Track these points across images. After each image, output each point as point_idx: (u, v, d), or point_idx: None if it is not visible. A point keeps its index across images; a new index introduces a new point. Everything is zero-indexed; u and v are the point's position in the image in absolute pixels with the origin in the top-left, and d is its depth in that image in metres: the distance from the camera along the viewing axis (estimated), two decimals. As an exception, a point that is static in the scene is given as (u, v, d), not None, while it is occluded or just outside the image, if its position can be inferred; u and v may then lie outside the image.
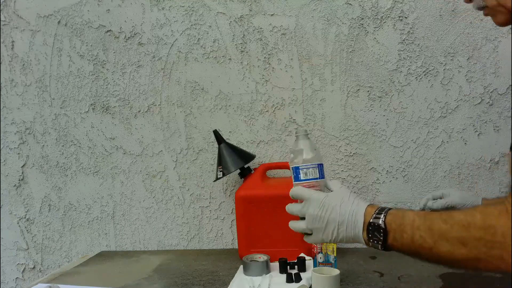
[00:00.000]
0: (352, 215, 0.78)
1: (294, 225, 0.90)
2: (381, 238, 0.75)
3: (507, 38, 1.60)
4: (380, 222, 0.75)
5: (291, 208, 0.91)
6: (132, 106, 1.84)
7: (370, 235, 0.77)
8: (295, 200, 0.97)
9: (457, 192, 1.17)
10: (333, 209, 0.79)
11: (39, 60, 1.87)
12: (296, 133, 1.07)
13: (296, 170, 1.03)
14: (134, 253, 1.85)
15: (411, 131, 1.69)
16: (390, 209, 0.78)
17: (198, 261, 1.68)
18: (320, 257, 1.37)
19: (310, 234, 0.86)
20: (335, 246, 1.39)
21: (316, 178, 1.01)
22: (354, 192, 0.89)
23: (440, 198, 1.21)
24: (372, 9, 1.66)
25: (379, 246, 0.76)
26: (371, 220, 0.77)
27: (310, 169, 1.01)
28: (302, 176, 1.02)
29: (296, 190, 0.92)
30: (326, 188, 0.99)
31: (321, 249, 1.38)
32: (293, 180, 1.04)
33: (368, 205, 0.82)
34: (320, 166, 1.02)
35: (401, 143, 1.70)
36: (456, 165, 1.68)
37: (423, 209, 1.14)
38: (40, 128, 1.90)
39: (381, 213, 0.77)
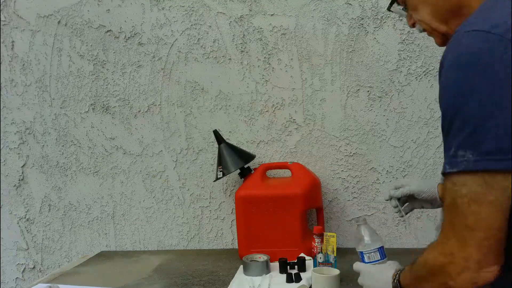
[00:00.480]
0: (387, 283, 0.97)
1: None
2: None
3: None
4: (396, 283, 0.95)
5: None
6: (132, 106, 1.84)
7: None
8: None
9: (415, 181, 1.26)
10: (376, 280, 1.01)
11: (39, 60, 1.87)
12: (357, 221, 1.24)
13: (361, 254, 1.21)
14: (134, 253, 1.85)
15: (411, 131, 1.69)
16: (403, 269, 0.95)
17: (198, 261, 1.68)
18: (320, 257, 1.37)
19: None
20: (335, 246, 1.39)
21: (378, 260, 1.19)
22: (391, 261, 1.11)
23: (401, 187, 1.28)
24: (372, 9, 1.66)
25: None
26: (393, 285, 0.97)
27: (372, 253, 1.19)
28: (366, 259, 1.20)
29: (355, 265, 1.15)
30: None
31: (321, 249, 1.38)
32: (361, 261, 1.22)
33: (394, 270, 0.99)
34: (381, 249, 1.20)
35: (401, 143, 1.70)
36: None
37: (389, 200, 1.28)
38: (40, 128, 1.90)
39: (396, 275, 0.96)
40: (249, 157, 1.69)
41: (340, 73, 1.70)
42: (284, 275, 1.42)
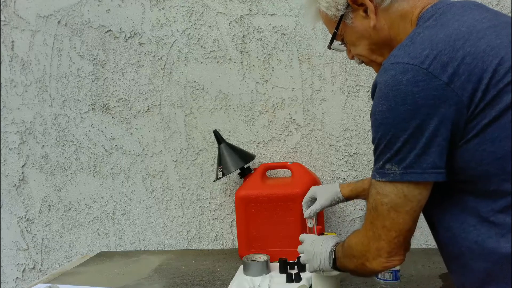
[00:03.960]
0: (325, 250, 1.09)
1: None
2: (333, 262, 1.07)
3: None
4: (332, 252, 1.07)
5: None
6: (132, 106, 1.84)
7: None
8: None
9: (322, 193, 1.38)
10: (316, 246, 1.11)
11: (39, 60, 1.87)
12: None
13: None
14: (134, 253, 1.85)
15: (411, 131, 1.68)
16: (340, 243, 1.07)
17: (198, 261, 1.69)
18: (309, 223, 1.40)
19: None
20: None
21: (390, 280, 1.33)
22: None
23: (311, 200, 1.41)
24: (372, 9, 1.66)
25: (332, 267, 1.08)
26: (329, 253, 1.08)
27: (386, 272, 1.32)
28: (380, 276, 1.34)
29: (300, 236, 1.23)
30: None
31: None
32: None
33: (335, 242, 1.09)
34: (395, 272, 1.33)
35: (401, 143, 1.69)
36: (456, 165, 1.68)
37: (310, 217, 1.41)
38: (40, 128, 1.90)
39: (335, 246, 1.08)
40: (249, 157, 1.69)
41: (340, 73, 1.70)
42: (284, 275, 1.42)
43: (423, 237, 1.72)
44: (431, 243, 1.71)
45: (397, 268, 1.31)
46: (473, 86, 0.77)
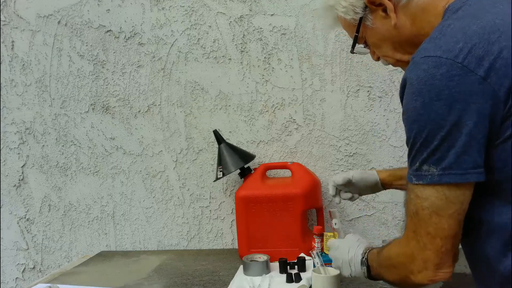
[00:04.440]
0: (356, 257, 1.04)
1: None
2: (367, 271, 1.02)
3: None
4: (364, 260, 1.02)
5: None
6: (132, 106, 1.84)
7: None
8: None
9: (355, 171, 1.37)
10: (346, 253, 1.06)
11: (39, 60, 1.87)
12: (383, 242, 1.32)
13: None
14: (134, 253, 1.85)
15: (411, 131, 1.68)
16: (371, 249, 1.02)
17: (198, 261, 1.68)
18: (316, 262, 1.28)
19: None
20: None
21: None
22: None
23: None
24: (372, 9, 1.66)
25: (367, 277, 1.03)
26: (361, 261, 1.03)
27: None
28: None
29: (328, 242, 1.19)
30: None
31: (317, 254, 1.33)
32: None
33: (365, 247, 1.05)
34: None
35: (401, 143, 1.70)
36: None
37: (335, 195, 1.39)
38: (40, 128, 1.90)
39: (366, 253, 1.02)
40: (249, 157, 1.69)
41: (340, 73, 1.70)
42: (284, 275, 1.42)
43: (423, 237, 1.72)
44: (431, 243, 1.71)
45: None
46: (510, 81, 0.73)
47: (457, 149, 0.75)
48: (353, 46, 1.03)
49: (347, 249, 1.05)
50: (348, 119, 1.72)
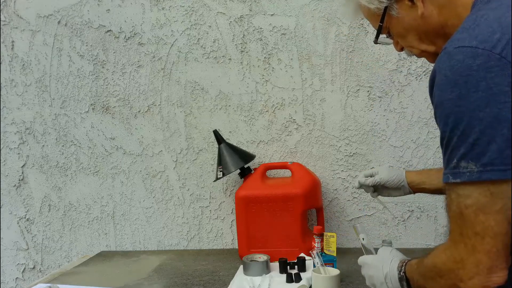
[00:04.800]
0: (392, 274, 0.98)
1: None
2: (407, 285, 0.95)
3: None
4: (402, 275, 0.96)
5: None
6: (132, 106, 1.84)
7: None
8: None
9: (384, 170, 1.33)
10: (380, 270, 1.00)
11: (39, 60, 1.87)
12: (383, 241, 1.31)
13: None
14: (134, 253, 1.85)
15: (411, 131, 1.69)
16: (409, 261, 0.96)
17: (198, 261, 1.68)
18: (316, 262, 1.30)
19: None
20: (335, 246, 1.39)
21: None
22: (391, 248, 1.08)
23: (371, 176, 1.36)
24: (372, 9, 1.66)
25: None
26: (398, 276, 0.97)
27: None
28: None
29: (359, 259, 1.13)
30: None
31: (317, 254, 1.33)
32: None
33: (400, 261, 0.99)
34: None
35: (401, 143, 1.70)
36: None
37: (359, 187, 1.36)
38: (40, 128, 1.90)
39: (403, 267, 0.97)
40: (249, 157, 1.69)
41: (340, 73, 1.70)
42: (284, 275, 1.42)
43: (423, 237, 1.72)
44: (431, 243, 1.71)
45: None
46: None
47: (499, 143, 0.70)
48: (377, 36, 1.00)
49: (380, 265, 0.99)
50: (348, 119, 1.72)
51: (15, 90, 1.90)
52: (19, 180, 1.94)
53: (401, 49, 1.03)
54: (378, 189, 1.36)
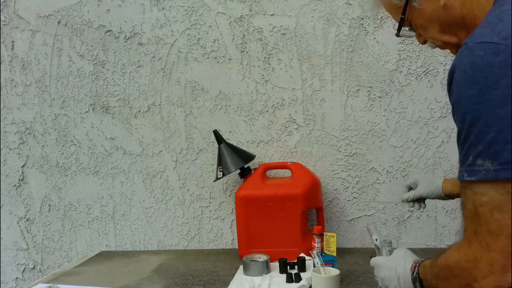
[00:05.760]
0: (405, 274, 0.97)
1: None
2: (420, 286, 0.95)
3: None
4: (416, 275, 0.95)
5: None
6: (132, 106, 1.84)
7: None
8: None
9: (423, 181, 1.36)
10: (394, 271, 1.00)
11: (39, 60, 1.87)
12: (384, 241, 1.28)
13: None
14: (134, 253, 1.85)
15: (411, 131, 1.69)
16: (422, 261, 0.95)
17: (198, 261, 1.69)
18: (316, 262, 1.30)
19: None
20: (335, 246, 1.39)
21: None
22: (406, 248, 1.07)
23: (412, 187, 1.41)
24: (372, 9, 1.66)
25: None
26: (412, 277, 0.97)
27: None
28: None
29: (371, 261, 1.12)
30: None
31: (317, 254, 1.33)
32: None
33: (413, 261, 0.99)
34: None
35: (401, 143, 1.70)
36: (456, 165, 1.67)
37: (405, 201, 1.40)
38: (40, 128, 1.90)
39: (416, 267, 0.96)
40: (249, 157, 1.69)
41: (340, 73, 1.70)
42: (284, 275, 1.42)
43: (423, 237, 1.72)
44: (431, 243, 1.71)
45: None
46: None
47: None
48: (399, 29, 0.99)
49: (394, 266, 0.99)
50: (348, 119, 1.72)
51: (15, 90, 1.90)
52: (19, 180, 1.94)
53: (424, 42, 1.02)
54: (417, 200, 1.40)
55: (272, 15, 1.71)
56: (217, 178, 1.66)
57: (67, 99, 1.88)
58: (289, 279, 1.40)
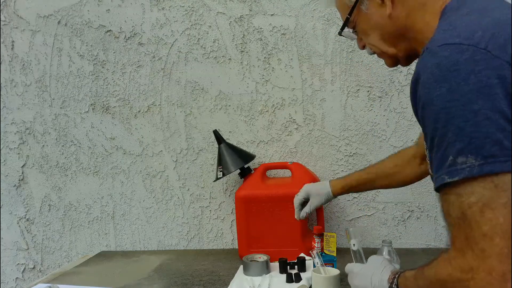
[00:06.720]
0: (381, 286, 0.95)
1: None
2: None
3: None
4: (394, 287, 0.92)
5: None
6: (132, 106, 1.84)
7: None
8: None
9: (313, 192, 1.41)
10: (369, 281, 0.98)
11: (39, 60, 1.87)
12: (383, 241, 1.31)
13: None
14: (134, 253, 1.85)
15: (411, 131, 1.69)
16: (402, 272, 0.92)
17: (198, 261, 1.69)
18: (316, 262, 1.29)
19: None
20: (335, 246, 1.39)
21: None
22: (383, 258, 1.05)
23: (304, 200, 1.45)
24: (372, 9, 1.66)
25: None
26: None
27: None
28: None
29: (346, 267, 1.12)
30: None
31: (317, 254, 1.33)
32: None
33: (391, 272, 0.96)
34: None
35: (401, 143, 1.70)
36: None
37: (302, 219, 1.45)
38: (40, 128, 1.90)
39: (395, 279, 0.93)
40: (249, 157, 1.69)
41: (340, 73, 1.70)
42: (284, 275, 1.42)
43: (423, 237, 1.72)
44: (431, 243, 1.71)
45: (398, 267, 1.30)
46: None
47: (496, 134, 0.67)
48: (342, 28, 1.00)
49: (369, 275, 0.96)
50: (348, 119, 1.72)
51: (15, 90, 1.90)
52: (19, 180, 1.94)
53: (363, 47, 1.03)
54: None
55: (272, 15, 1.71)
56: (217, 178, 1.66)
57: (67, 99, 1.88)
58: (289, 279, 1.40)
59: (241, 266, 1.51)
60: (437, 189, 0.74)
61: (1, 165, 1.94)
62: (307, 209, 1.40)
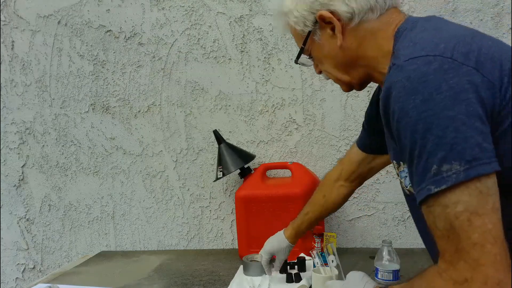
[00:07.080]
0: None
1: None
2: None
3: (507, 38, 1.60)
4: None
5: None
6: (132, 106, 1.84)
7: None
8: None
9: (275, 247, 1.40)
10: None
11: (39, 60, 1.87)
12: (383, 241, 1.34)
13: (376, 269, 1.33)
14: (134, 253, 1.85)
15: (411, 131, 1.68)
16: (386, 287, 0.93)
17: (198, 261, 1.69)
18: (316, 262, 1.30)
19: None
20: (335, 246, 1.39)
21: (390, 280, 1.30)
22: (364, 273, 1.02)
23: (271, 263, 1.44)
24: (372, 9, 1.66)
25: None
26: None
27: (386, 273, 1.31)
28: (379, 276, 1.32)
29: (326, 283, 1.12)
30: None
31: (317, 254, 1.34)
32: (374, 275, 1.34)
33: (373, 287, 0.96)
34: (396, 272, 1.31)
35: (401, 143, 1.69)
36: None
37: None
38: (40, 128, 1.90)
39: None
40: (249, 157, 1.69)
41: (340, 73, 1.70)
42: (284, 275, 1.42)
43: (423, 237, 1.72)
44: (431, 243, 1.71)
45: (397, 268, 1.30)
46: (498, 71, 0.73)
47: (476, 137, 0.68)
48: (298, 57, 1.02)
49: None
50: (348, 119, 1.72)
51: (15, 90, 1.90)
52: (19, 180, 1.94)
53: (320, 72, 1.05)
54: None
55: (272, 15, 1.71)
56: (217, 178, 1.66)
57: (67, 99, 1.88)
58: (289, 279, 1.40)
59: (241, 266, 1.51)
60: (421, 202, 0.72)
61: (1, 165, 1.95)
62: (277, 264, 1.41)
